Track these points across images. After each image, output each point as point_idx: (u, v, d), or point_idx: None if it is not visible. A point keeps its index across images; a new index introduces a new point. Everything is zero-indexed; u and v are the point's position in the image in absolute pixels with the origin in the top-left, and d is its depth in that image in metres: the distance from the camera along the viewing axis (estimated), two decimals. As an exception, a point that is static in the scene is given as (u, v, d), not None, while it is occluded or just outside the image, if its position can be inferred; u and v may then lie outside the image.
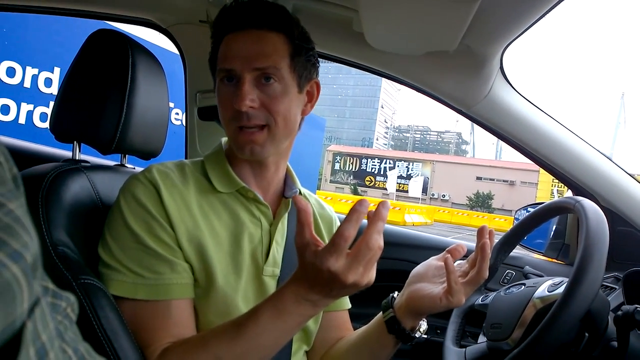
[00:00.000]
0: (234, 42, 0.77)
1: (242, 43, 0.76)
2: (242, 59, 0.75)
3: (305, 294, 0.62)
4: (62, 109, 0.86)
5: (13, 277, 0.23)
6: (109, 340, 0.64)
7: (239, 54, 0.76)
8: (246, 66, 0.75)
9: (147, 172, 0.75)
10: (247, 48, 0.76)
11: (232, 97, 0.75)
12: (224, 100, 0.77)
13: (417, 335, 0.83)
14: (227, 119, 0.78)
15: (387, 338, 0.83)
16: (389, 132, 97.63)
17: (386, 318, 0.83)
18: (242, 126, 0.76)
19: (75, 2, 1.35)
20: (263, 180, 0.84)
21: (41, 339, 0.26)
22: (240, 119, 0.75)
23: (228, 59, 0.76)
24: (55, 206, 0.73)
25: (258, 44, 0.76)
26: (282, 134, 0.79)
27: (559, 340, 0.73)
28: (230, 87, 0.77)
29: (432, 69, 1.25)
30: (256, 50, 0.76)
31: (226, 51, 0.77)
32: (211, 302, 0.74)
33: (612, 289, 1.08)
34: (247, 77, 0.75)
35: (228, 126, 0.78)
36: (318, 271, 0.58)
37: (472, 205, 44.31)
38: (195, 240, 0.74)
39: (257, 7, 0.78)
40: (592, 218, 0.80)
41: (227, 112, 0.77)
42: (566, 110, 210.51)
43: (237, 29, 0.77)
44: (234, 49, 0.76)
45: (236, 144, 0.78)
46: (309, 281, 0.61)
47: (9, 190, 0.26)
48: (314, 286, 0.60)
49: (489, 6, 0.86)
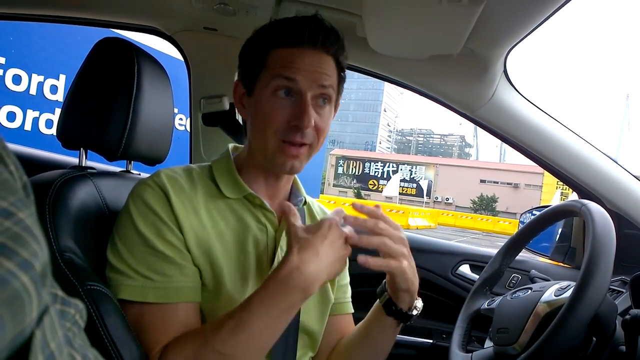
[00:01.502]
0: (299, 56, 0.76)
1: (308, 58, 0.76)
2: (308, 73, 0.75)
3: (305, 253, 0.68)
4: (69, 116, 0.87)
5: (22, 286, 0.23)
6: (115, 346, 0.65)
7: (303, 68, 0.75)
8: (311, 83, 0.76)
9: (155, 176, 0.76)
10: (312, 64, 0.76)
11: (289, 112, 0.75)
12: (276, 113, 0.76)
13: (414, 313, 0.84)
14: (272, 130, 0.76)
15: (387, 321, 0.85)
16: (392, 135, 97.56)
17: (382, 302, 0.85)
18: (287, 141, 0.76)
19: (80, 11, 1.36)
20: (273, 189, 0.85)
21: (50, 347, 0.26)
22: (293, 135, 0.76)
23: (291, 69, 0.75)
24: (62, 213, 0.73)
25: (322, 64, 0.77)
26: (317, 151, 0.81)
27: (567, 345, 0.73)
28: (285, 101, 0.76)
29: (435, 73, 1.25)
30: (321, 69, 0.77)
31: (288, 62, 0.76)
32: (219, 306, 0.74)
33: (619, 292, 1.08)
34: (309, 95, 0.75)
35: (270, 138, 0.77)
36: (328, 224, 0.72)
37: (476, 208, 44.16)
38: (203, 244, 0.74)
39: (320, 28, 0.78)
40: (599, 221, 0.80)
41: (274, 125, 0.76)
42: (570, 112, 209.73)
43: (299, 43, 0.77)
44: (298, 61, 0.76)
45: (275, 157, 0.78)
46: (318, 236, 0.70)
47: (19, 199, 0.26)
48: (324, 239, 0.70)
49: (493, 10, 0.86)
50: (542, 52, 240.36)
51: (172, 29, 1.36)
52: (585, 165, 1.27)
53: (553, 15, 0.90)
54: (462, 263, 1.50)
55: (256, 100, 0.79)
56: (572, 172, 1.28)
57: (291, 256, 0.68)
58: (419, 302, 0.86)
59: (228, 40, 1.30)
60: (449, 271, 1.49)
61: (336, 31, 0.80)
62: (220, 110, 1.41)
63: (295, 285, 0.67)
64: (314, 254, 0.68)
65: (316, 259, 0.68)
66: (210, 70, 1.42)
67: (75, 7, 1.34)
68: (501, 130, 1.29)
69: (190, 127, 1.50)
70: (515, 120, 1.26)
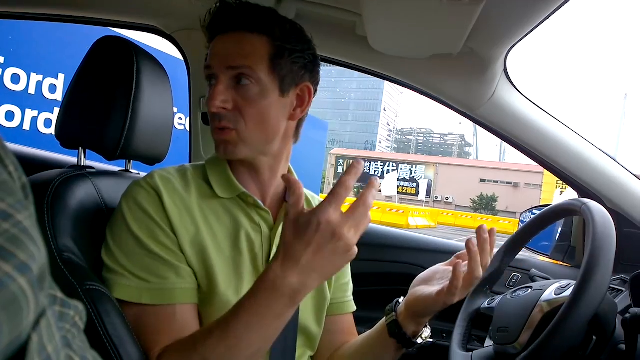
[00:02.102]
0: (217, 43, 0.79)
1: (222, 43, 0.78)
2: (219, 57, 0.77)
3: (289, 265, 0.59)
4: (68, 115, 0.87)
5: (20, 289, 0.23)
6: (114, 346, 0.64)
7: (217, 54, 0.78)
8: (221, 65, 0.76)
9: (149, 177, 0.76)
10: (225, 48, 0.77)
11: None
12: (208, 101, 0.77)
13: (418, 341, 0.83)
14: (210, 119, 0.79)
15: (389, 342, 0.83)
16: (391, 135, 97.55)
17: (388, 322, 0.84)
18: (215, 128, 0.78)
19: (79, 10, 1.36)
20: (261, 184, 0.84)
21: (47, 351, 0.26)
22: (213, 120, 0.77)
23: (209, 57, 0.79)
24: (61, 212, 0.73)
25: (236, 44, 0.77)
26: (255, 138, 0.78)
27: (567, 344, 0.73)
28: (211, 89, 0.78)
29: (435, 72, 1.25)
30: (233, 50, 0.77)
31: (210, 51, 0.79)
32: (213, 308, 0.74)
33: (619, 291, 1.08)
34: (221, 78, 0.76)
35: (211, 126, 0.79)
36: (315, 226, 0.58)
37: (476, 207, 44.19)
38: (197, 245, 0.74)
39: (238, 10, 0.78)
40: (599, 220, 0.80)
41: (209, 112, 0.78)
42: (569, 111, 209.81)
43: (221, 31, 0.79)
44: (215, 48, 0.78)
45: (214, 143, 0.80)
46: (301, 243, 0.59)
47: (18, 201, 0.26)
48: (306, 248, 0.58)
49: (493, 9, 0.86)
50: (542, 51, 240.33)
51: (172, 28, 1.36)
52: (585, 164, 1.27)
53: (553, 15, 0.90)
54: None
55: None
56: (572, 171, 1.28)
57: (275, 263, 0.61)
58: (427, 330, 0.85)
59: (227, 39, 1.30)
60: None
61: (261, 8, 0.79)
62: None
63: (280, 294, 0.60)
64: (294, 263, 0.59)
65: (298, 268, 0.59)
66: (210, 69, 1.41)
67: (75, 5, 1.34)
68: (501, 130, 1.29)
69: (190, 127, 1.50)
70: (515, 119, 1.26)
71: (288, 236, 0.60)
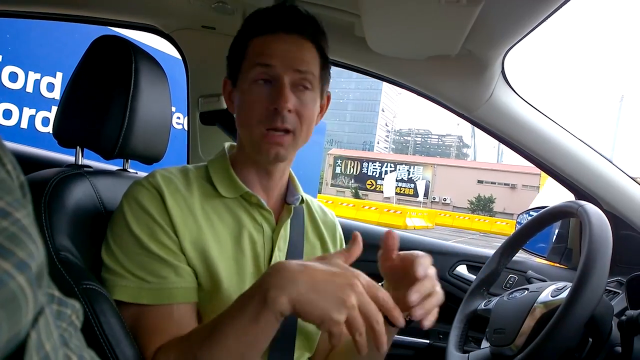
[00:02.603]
0: (274, 42, 0.77)
1: (283, 44, 0.77)
2: (283, 58, 0.76)
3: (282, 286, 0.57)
4: (66, 114, 0.87)
5: (19, 287, 0.23)
6: (110, 345, 0.64)
7: (279, 54, 0.76)
8: (287, 67, 0.75)
9: (150, 177, 0.76)
10: (288, 49, 0.77)
11: (268, 98, 0.75)
12: (256, 101, 0.76)
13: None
14: (255, 120, 0.76)
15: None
16: (389, 135, 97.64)
17: None
18: (271, 129, 0.76)
19: (78, 8, 1.35)
20: (268, 186, 0.85)
21: (45, 349, 0.26)
22: (274, 120, 0.75)
23: (267, 55, 0.76)
24: (58, 211, 0.73)
25: (300, 49, 0.78)
26: (302, 141, 0.80)
27: (563, 346, 0.73)
28: (265, 89, 0.76)
29: (434, 73, 1.25)
30: (299, 54, 0.77)
31: (264, 49, 0.77)
32: (215, 306, 0.74)
33: (615, 293, 1.08)
34: (285, 79, 0.75)
35: (255, 128, 0.77)
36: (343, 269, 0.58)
37: (474, 208, 44.23)
38: (199, 245, 0.74)
39: (295, 14, 0.79)
40: (596, 223, 0.80)
41: (256, 113, 0.76)
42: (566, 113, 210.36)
43: (275, 30, 0.77)
44: (273, 47, 0.76)
45: (261, 146, 0.77)
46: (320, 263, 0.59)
47: (16, 199, 0.26)
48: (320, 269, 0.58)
49: (491, 11, 0.86)
50: (540, 53, 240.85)
51: (170, 27, 1.36)
52: (582, 166, 1.27)
53: (550, 17, 0.91)
54: (459, 263, 1.50)
55: (240, 92, 0.80)
56: (569, 172, 1.28)
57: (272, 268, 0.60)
58: None
59: (226, 38, 1.28)
60: (447, 271, 1.49)
61: (313, 17, 0.81)
62: (218, 109, 1.41)
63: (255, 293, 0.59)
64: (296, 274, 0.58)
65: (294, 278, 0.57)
66: (208, 68, 1.41)
67: (74, 4, 1.33)
68: (499, 131, 1.29)
69: (188, 126, 1.50)
70: (512, 121, 1.26)
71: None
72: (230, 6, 1.14)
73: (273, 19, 0.78)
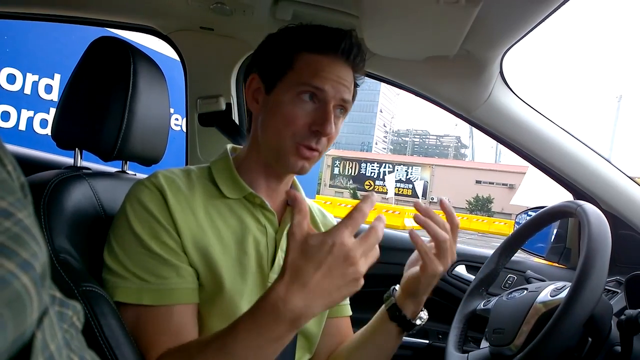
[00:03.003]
0: (330, 66, 0.77)
1: (338, 70, 0.78)
2: (335, 85, 0.77)
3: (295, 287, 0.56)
4: (64, 116, 0.86)
5: (23, 287, 0.23)
6: (110, 348, 0.64)
7: (333, 79, 0.77)
8: (336, 94, 0.77)
9: (153, 177, 0.75)
10: (342, 77, 0.78)
11: (311, 117, 0.76)
12: (298, 116, 0.76)
13: (417, 322, 0.85)
14: (291, 132, 0.76)
15: (390, 327, 0.85)
16: (388, 136, 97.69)
17: (387, 306, 0.86)
18: (304, 145, 0.77)
19: (76, 10, 1.35)
20: (274, 189, 0.85)
21: (50, 349, 0.26)
22: (310, 140, 0.77)
23: (321, 78, 0.76)
24: (57, 213, 0.73)
25: (348, 77, 0.79)
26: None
27: (562, 346, 0.73)
28: (309, 105, 0.77)
29: (432, 74, 1.25)
30: (346, 83, 0.79)
31: (319, 70, 0.77)
32: (217, 307, 0.74)
33: (614, 292, 1.08)
34: (332, 104, 0.77)
35: (287, 139, 0.77)
36: (328, 247, 0.56)
37: (472, 209, 44.25)
38: (201, 245, 0.74)
39: (355, 42, 0.80)
40: (594, 222, 0.80)
41: (295, 126, 0.76)
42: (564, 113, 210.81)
43: (333, 53, 0.78)
44: (328, 71, 0.77)
45: (288, 158, 0.78)
46: (310, 263, 0.56)
47: (18, 200, 0.26)
48: (316, 269, 0.56)
49: (489, 11, 0.86)
50: (538, 54, 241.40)
51: (169, 29, 1.35)
52: (580, 166, 1.27)
53: (549, 17, 0.91)
54: (458, 264, 1.51)
55: (276, 100, 0.78)
56: (567, 172, 1.28)
57: (279, 284, 0.57)
58: (424, 313, 0.87)
59: (225, 40, 1.30)
60: (445, 272, 1.49)
61: (364, 48, 0.82)
62: (217, 111, 1.40)
63: (281, 318, 0.57)
64: (301, 286, 0.56)
65: (304, 292, 0.56)
66: (207, 70, 1.41)
67: (71, 6, 1.33)
68: (497, 132, 1.29)
69: (187, 128, 1.50)
70: (511, 122, 1.27)
71: (295, 257, 0.57)
72: (228, 7, 1.14)
73: (334, 40, 0.78)
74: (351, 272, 0.57)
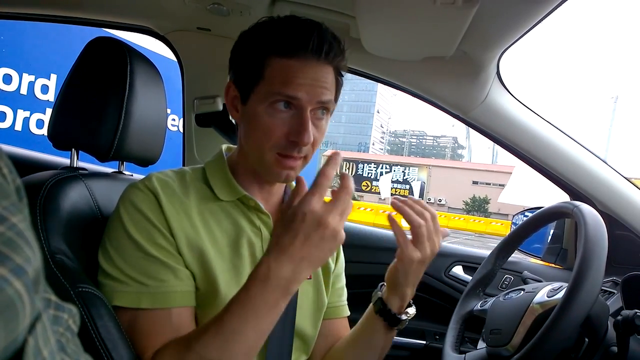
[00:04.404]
0: (301, 71, 0.71)
1: (311, 72, 0.72)
2: (310, 89, 0.71)
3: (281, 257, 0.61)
4: (60, 116, 0.86)
5: (16, 292, 0.23)
6: (107, 350, 0.64)
7: (307, 84, 0.71)
8: (311, 98, 0.72)
9: (146, 180, 0.75)
10: (315, 79, 0.72)
11: (287, 126, 0.72)
12: (274, 127, 0.72)
13: (403, 317, 0.85)
14: (270, 144, 0.73)
15: (376, 322, 0.85)
16: (385, 136, 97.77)
17: (373, 300, 0.86)
18: (285, 155, 0.74)
19: (72, 10, 1.35)
20: (267, 192, 0.85)
21: (43, 354, 0.26)
22: (290, 149, 0.73)
23: (292, 86, 0.71)
24: (53, 214, 0.72)
25: (324, 77, 0.73)
26: (310, 160, 0.79)
27: (559, 346, 0.73)
28: (284, 114, 0.72)
29: (429, 75, 1.25)
30: (323, 83, 0.73)
31: (289, 77, 0.71)
32: (212, 309, 0.73)
33: (610, 293, 1.08)
34: (308, 110, 0.72)
35: (267, 152, 0.74)
36: (301, 217, 0.61)
37: (469, 209, 44.33)
38: (195, 247, 0.73)
39: (325, 37, 0.73)
40: (591, 223, 0.81)
41: (272, 139, 0.73)
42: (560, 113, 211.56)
43: (302, 55, 0.72)
44: (300, 77, 0.71)
45: (272, 169, 0.76)
46: (289, 234, 0.61)
47: (12, 204, 0.25)
48: (294, 238, 0.61)
49: (486, 12, 0.86)
50: (535, 54, 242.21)
51: (165, 29, 1.35)
52: (576, 167, 1.28)
53: (546, 18, 0.91)
54: (455, 264, 1.51)
55: (252, 111, 0.74)
56: (564, 173, 1.29)
57: (267, 256, 0.62)
58: (412, 309, 0.86)
59: (222, 40, 1.30)
60: (442, 272, 1.49)
61: (339, 39, 0.76)
62: (214, 111, 1.40)
63: (273, 285, 0.61)
64: (285, 255, 0.61)
65: (288, 258, 0.61)
66: (204, 70, 1.41)
67: (68, 6, 1.33)
68: (494, 132, 1.30)
69: (183, 128, 1.49)
70: (507, 122, 1.27)
71: (277, 231, 0.63)
72: (225, 8, 1.14)
73: (299, 39, 0.72)
74: (328, 234, 0.61)
